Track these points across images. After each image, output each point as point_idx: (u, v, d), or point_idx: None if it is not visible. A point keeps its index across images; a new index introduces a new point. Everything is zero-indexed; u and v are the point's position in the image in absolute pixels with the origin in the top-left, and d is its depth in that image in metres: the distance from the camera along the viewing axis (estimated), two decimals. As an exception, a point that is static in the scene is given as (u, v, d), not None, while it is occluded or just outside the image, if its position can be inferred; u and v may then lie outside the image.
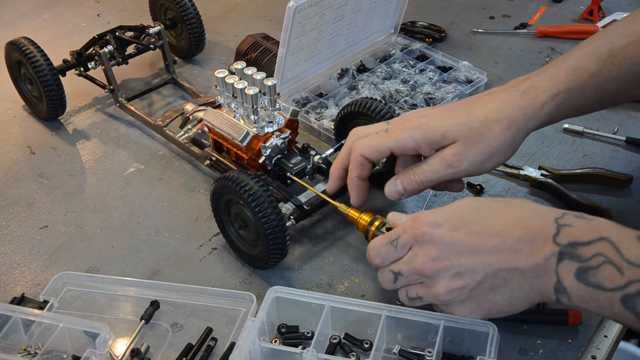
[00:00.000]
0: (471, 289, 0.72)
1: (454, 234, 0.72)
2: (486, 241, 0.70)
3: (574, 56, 0.83)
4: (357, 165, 0.86)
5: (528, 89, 0.81)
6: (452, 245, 0.71)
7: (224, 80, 0.95)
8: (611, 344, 0.82)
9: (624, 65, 0.82)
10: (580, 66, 0.81)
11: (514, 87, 0.82)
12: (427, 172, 0.82)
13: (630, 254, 0.64)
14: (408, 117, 0.84)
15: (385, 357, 0.80)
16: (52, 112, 1.17)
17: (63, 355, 0.81)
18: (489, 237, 0.70)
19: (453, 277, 0.72)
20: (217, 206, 0.91)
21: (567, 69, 0.81)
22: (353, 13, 1.17)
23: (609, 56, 0.81)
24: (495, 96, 0.82)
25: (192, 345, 0.82)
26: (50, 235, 0.99)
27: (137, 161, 1.12)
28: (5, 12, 1.54)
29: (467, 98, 0.86)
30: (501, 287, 0.71)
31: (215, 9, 1.51)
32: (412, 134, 0.81)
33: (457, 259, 0.71)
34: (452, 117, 0.81)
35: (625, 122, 1.14)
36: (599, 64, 0.81)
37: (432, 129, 0.81)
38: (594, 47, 0.83)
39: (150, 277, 0.92)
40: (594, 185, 1.01)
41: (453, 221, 0.72)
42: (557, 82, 0.81)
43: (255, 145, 0.95)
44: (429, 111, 0.84)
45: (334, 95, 1.18)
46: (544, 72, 0.83)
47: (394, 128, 0.83)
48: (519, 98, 0.81)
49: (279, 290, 0.81)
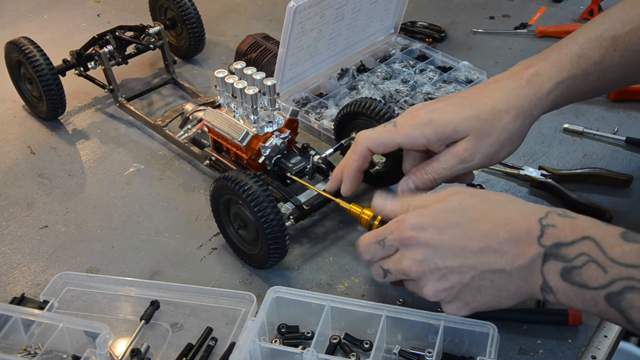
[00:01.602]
0: (458, 290, 0.72)
1: (439, 238, 0.71)
2: (472, 244, 0.70)
3: (577, 42, 0.82)
4: (360, 158, 0.85)
5: (533, 76, 0.80)
6: (438, 248, 0.71)
7: (224, 80, 0.95)
8: (611, 344, 0.82)
9: (627, 53, 0.82)
10: (584, 53, 0.81)
11: (518, 75, 0.81)
12: (439, 170, 0.81)
13: (613, 253, 0.64)
14: (415, 112, 0.82)
15: (385, 357, 0.80)
16: (52, 112, 1.17)
17: (63, 355, 0.81)
18: (474, 240, 0.70)
19: (439, 279, 0.72)
20: (217, 206, 0.91)
21: (571, 55, 0.81)
22: (353, 13, 1.17)
23: (612, 43, 0.81)
24: (500, 85, 0.81)
25: (192, 345, 0.82)
26: (50, 235, 0.99)
27: (137, 161, 1.12)
28: (5, 12, 1.54)
29: (471, 88, 0.85)
30: (488, 288, 0.71)
31: (215, 9, 1.51)
32: (423, 130, 0.80)
33: (443, 262, 0.71)
34: (461, 111, 0.80)
35: (625, 122, 1.14)
36: (602, 52, 0.81)
37: (442, 125, 0.79)
38: (597, 32, 0.82)
39: (150, 277, 0.92)
40: (594, 185, 1.01)
41: (438, 224, 0.72)
42: (561, 69, 0.81)
43: (254, 145, 0.95)
44: (436, 105, 0.82)
45: (334, 95, 1.18)
46: (548, 57, 0.82)
47: (403, 123, 0.82)
48: (524, 86, 0.80)
49: (279, 290, 0.81)
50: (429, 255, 0.72)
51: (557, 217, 0.69)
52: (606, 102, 1.18)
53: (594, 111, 1.17)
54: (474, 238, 0.70)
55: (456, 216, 0.72)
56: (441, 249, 0.71)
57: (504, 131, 0.79)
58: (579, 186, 1.01)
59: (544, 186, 1.01)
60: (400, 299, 0.87)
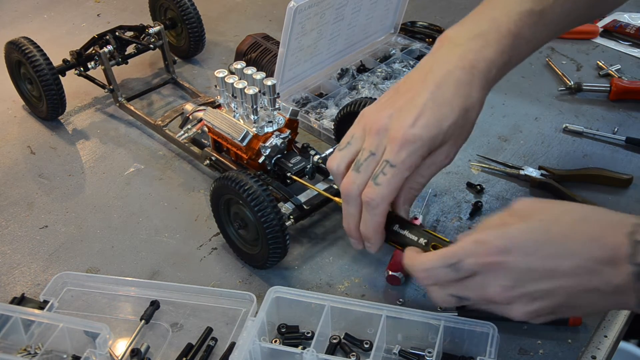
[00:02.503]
0: (550, 310, 0.68)
1: (527, 260, 0.65)
2: (563, 264, 0.65)
3: (512, 18, 0.79)
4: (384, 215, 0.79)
5: (482, 66, 0.77)
6: (528, 272, 0.65)
7: (224, 80, 0.95)
8: (611, 344, 0.82)
9: (551, 26, 0.82)
10: (519, 32, 0.79)
11: (469, 65, 0.77)
12: (423, 182, 0.80)
13: None
14: (396, 128, 0.75)
15: (385, 357, 0.80)
16: (52, 112, 1.17)
17: (63, 355, 0.81)
18: (565, 259, 0.65)
19: (530, 302, 0.67)
20: (217, 206, 0.91)
21: (508, 36, 0.78)
22: (353, 13, 1.17)
23: (541, 18, 0.80)
24: (458, 78, 0.76)
25: (192, 345, 0.82)
26: (50, 235, 0.99)
27: (137, 161, 1.12)
28: (5, 12, 1.54)
29: (422, 80, 0.78)
30: (581, 305, 0.68)
31: (215, 9, 1.51)
32: (422, 154, 0.76)
33: (533, 286, 0.66)
34: (443, 118, 0.75)
35: (625, 122, 1.14)
36: (534, 29, 0.80)
37: (432, 139, 0.75)
38: (528, 6, 0.80)
39: (150, 277, 0.92)
40: (594, 185, 1.01)
41: (524, 245, 0.66)
42: (502, 52, 0.78)
43: (254, 145, 0.95)
44: (411, 112, 0.76)
45: (334, 95, 1.18)
46: (489, 41, 0.78)
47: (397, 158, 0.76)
48: (478, 77, 0.77)
49: (279, 290, 0.81)
50: (517, 281, 0.66)
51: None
52: (606, 102, 1.18)
53: (594, 111, 1.17)
54: (564, 257, 0.65)
55: (542, 235, 0.66)
56: (530, 272, 0.65)
57: (472, 126, 0.79)
58: (579, 186, 1.01)
59: (544, 186, 1.01)
60: (400, 299, 0.87)
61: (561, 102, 1.20)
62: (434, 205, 1.00)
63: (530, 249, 0.65)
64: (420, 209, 0.99)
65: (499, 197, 1.01)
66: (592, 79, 1.25)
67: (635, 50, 1.32)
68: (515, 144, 1.10)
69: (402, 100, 0.77)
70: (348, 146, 0.79)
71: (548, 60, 1.29)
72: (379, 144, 0.76)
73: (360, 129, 0.79)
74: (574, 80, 1.21)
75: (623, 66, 1.27)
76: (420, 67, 0.80)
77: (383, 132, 0.76)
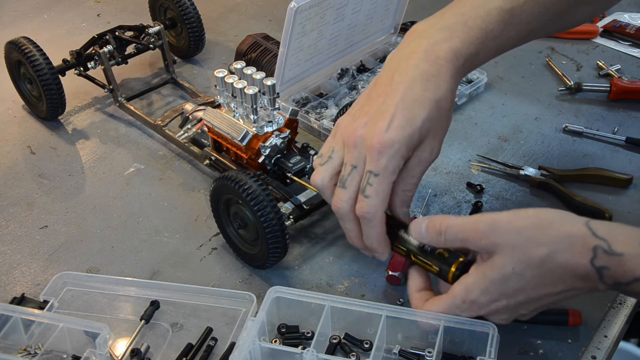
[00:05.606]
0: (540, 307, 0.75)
1: (516, 300, 0.72)
2: (548, 290, 0.71)
3: (480, 14, 0.80)
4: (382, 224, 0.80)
5: (451, 57, 0.78)
6: (519, 306, 0.73)
7: (224, 79, 0.95)
8: (611, 344, 0.82)
9: (521, 25, 0.83)
10: (487, 27, 0.80)
11: (435, 57, 0.78)
12: (416, 182, 0.80)
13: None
14: (374, 137, 0.76)
15: (385, 357, 0.80)
16: (52, 111, 1.17)
17: (63, 355, 0.81)
18: (548, 287, 0.71)
19: (531, 312, 0.75)
20: (217, 206, 0.91)
21: (477, 30, 0.80)
22: (354, 13, 1.17)
23: (510, 16, 0.81)
24: (425, 71, 0.77)
25: (192, 345, 0.82)
26: (50, 235, 0.99)
27: (137, 161, 1.12)
28: (5, 12, 1.54)
29: (392, 79, 0.78)
30: (567, 299, 0.74)
31: (215, 9, 1.51)
32: (404, 155, 0.76)
33: (528, 310, 0.74)
34: (416, 116, 0.76)
35: (625, 122, 1.14)
36: (502, 26, 0.81)
37: (409, 138, 0.76)
38: (497, 3, 0.81)
39: (150, 277, 0.92)
40: (594, 185, 1.01)
41: (506, 292, 0.72)
42: (469, 44, 0.79)
43: (254, 144, 0.95)
44: (382, 117, 0.76)
45: (334, 95, 1.18)
46: (457, 33, 0.79)
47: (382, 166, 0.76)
48: (446, 69, 0.78)
49: (279, 290, 0.81)
50: (514, 313, 0.74)
51: (606, 255, 0.67)
52: (606, 102, 1.18)
53: (594, 111, 1.17)
54: (546, 286, 0.71)
55: (520, 282, 0.71)
56: (523, 305, 0.73)
57: (448, 117, 0.80)
58: (579, 186, 1.01)
59: (544, 186, 1.01)
60: (400, 299, 0.87)
61: (561, 102, 1.20)
62: (434, 206, 1.00)
63: (513, 293, 0.72)
64: (420, 209, 0.99)
65: (499, 197, 1.01)
66: (592, 79, 1.25)
67: (635, 50, 1.32)
68: (515, 144, 1.10)
69: (374, 107, 0.78)
70: (330, 160, 0.80)
71: (548, 60, 1.29)
72: (358, 156, 0.77)
73: (340, 141, 0.80)
74: (574, 80, 1.21)
75: (623, 66, 1.27)
76: (388, 66, 0.81)
77: (360, 143, 0.77)
